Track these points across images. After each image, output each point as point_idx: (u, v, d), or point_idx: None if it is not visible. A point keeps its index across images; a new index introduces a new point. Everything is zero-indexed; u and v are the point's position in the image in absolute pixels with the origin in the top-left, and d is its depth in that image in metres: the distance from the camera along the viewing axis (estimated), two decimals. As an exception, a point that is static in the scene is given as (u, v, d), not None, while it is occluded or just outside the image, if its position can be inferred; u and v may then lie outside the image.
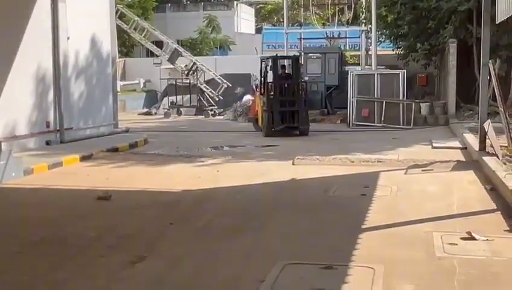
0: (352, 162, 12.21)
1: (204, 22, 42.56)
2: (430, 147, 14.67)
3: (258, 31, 45.74)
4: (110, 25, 17.84)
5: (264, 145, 15.27)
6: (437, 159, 12.24)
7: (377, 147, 14.61)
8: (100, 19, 17.17)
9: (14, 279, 5.45)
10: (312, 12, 35.17)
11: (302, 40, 30.86)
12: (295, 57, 19.19)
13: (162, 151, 14.30)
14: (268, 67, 17.98)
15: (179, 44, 31.39)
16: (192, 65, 27.43)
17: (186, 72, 27.25)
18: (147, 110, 29.03)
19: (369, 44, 27.46)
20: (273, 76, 17.74)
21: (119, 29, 25.45)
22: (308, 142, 15.97)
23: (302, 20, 35.08)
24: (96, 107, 17.06)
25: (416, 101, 21.87)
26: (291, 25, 33.24)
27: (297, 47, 29.46)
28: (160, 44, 29.87)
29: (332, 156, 12.78)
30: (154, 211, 8.18)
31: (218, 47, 41.52)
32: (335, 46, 29.85)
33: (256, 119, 18.52)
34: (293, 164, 12.14)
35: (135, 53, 39.98)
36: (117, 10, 24.39)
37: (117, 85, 19.81)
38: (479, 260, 5.70)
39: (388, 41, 26.59)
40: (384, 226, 7.07)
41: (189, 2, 48.58)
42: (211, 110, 26.43)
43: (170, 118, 25.63)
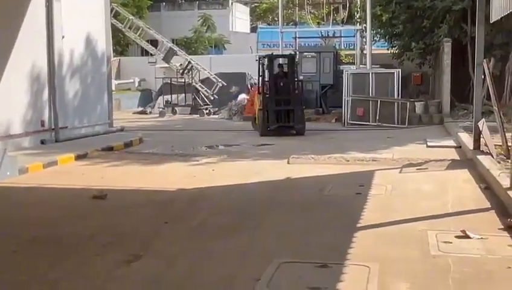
0: (347, 161, 12.23)
1: (199, 20, 42.55)
2: (425, 146, 14.70)
3: (253, 30, 45.72)
4: (105, 23, 17.80)
5: (259, 144, 15.28)
6: (432, 158, 12.27)
7: (371, 146, 14.63)
8: (95, 18, 17.14)
9: (11, 278, 5.44)
10: (307, 12, 35.21)
11: (297, 39, 30.85)
12: (291, 56, 19.20)
13: (157, 150, 14.30)
14: (265, 66, 17.98)
15: (173, 43, 31.40)
16: (187, 64, 27.42)
17: (181, 71, 27.24)
18: (142, 109, 28.99)
19: (364, 43, 27.49)
20: (269, 75, 17.74)
21: (114, 28, 25.42)
22: (303, 141, 15.98)
23: (297, 19, 35.08)
24: (91, 106, 17.02)
25: (411, 100, 21.92)
26: (286, 24, 33.22)
27: (292, 46, 29.46)
28: (155, 43, 29.86)
29: (328, 155, 12.80)
30: (149, 210, 8.18)
31: (213, 46, 41.51)
32: (330, 45, 29.85)
33: (255, 118, 18.52)
34: (288, 163, 12.16)
35: (130, 52, 39.92)
36: (112, 9, 24.31)
37: (112, 84, 19.76)
38: (473, 258, 5.72)
39: (383, 40, 26.66)
40: (379, 224, 7.09)
41: (184, 1, 48.51)
42: (206, 109, 26.42)
43: (165, 117, 25.61)
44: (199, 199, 8.94)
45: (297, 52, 24.84)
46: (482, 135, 11.81)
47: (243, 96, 25.68)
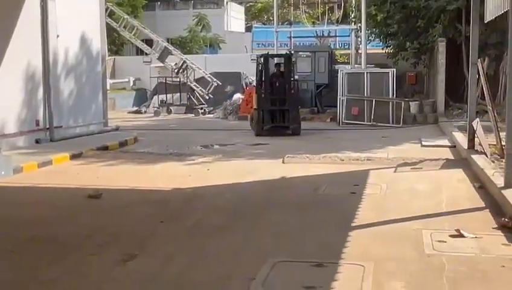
0: (342, 160, 12.25)
1: (194, 20, 42.50)
2: (420, 145, 14.74)
3: (248, 29, 45.71)
4: (99, 23, 17.78)
5: (254, 144, 15.29)
6: (426, 157, 12.31)
7: (366, 145, 14.66)
8: (90, 17, 17.11)
9: (8, 277, 5.44)
10: (302, 11, 35.20)
11: (292, 38, 30.88)
12: (287, 55, 19.17)
13: (152, 150, 14.29)
14: (261, 66, 17.96)
15: (168, 42, 31.35)
16: (182, 63, 27.41)
17: (176, 71, 27.23)
18: (137, 108, 28.95)
19: (359, 43, 27.51)
20: (264, 74, 17.73)
21: (109, 27, 25.39)
22: (298, 141, 16.00)
23: (292, 18, 35.10)
24: (86, 106, 17.00)
25: (406, 99, 21.95)
26: (281, 23, 33.25)
27: (287, 46, 29.47)
28: (150, 42, 29.84)
29: (322, 155, 12.81)
30: (144, 209, 8.18)
31: (208, 45, 41.48)
32: (325, 44, 29.85)
33: (252, 118, 18.50)
34: (283, 163, 12.17)
35: (125, 51, 39.85)
36: (106, 8, 24.24)
37: (107, 83, 19.76)
38: (467, 257, 5.75)
39: (378, 40, 26.65)
40: (374, 224, 7.11)
41: (179, 0, 48.47)
42: (201, 108, 26.40)
43: (160, 117, 25.58)
44: (194, 198, 8.96)
45: (293, 51, 24.83)
46: (476, 135, 11.85)
47: (237, 95, 25.67)
